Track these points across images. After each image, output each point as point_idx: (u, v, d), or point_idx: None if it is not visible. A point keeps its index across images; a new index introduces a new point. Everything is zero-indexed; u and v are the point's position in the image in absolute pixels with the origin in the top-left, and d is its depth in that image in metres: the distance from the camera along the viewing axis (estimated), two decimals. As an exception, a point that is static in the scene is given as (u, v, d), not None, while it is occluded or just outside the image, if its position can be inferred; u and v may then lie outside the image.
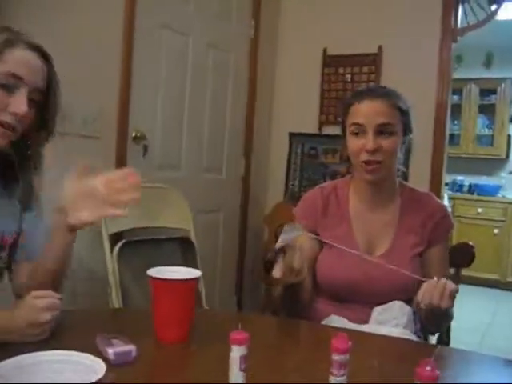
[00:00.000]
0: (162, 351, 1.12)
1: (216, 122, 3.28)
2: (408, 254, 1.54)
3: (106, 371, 0.71)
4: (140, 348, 1.05)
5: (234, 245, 3.57)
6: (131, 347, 1.03)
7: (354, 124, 1.52)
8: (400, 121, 1.53)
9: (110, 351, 1.01)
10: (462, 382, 1.05)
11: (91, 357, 0.76)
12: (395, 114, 1.52)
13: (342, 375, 0.82)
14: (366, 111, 1.50)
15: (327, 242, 1.47)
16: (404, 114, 1.54)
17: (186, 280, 1.13)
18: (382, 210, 1.60)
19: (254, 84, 3.58)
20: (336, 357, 0.81)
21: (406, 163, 3.51)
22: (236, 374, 0.85)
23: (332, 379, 0.82)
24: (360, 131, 1.50)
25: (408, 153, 1.64)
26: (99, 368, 0.72)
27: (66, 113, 2.26)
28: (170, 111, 2.92)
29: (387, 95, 1.53)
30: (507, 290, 5.46)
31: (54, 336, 1.08)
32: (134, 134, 2.69)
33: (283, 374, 1.03)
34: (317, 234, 1.57)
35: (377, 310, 1.46)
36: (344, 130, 1.58)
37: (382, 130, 1.49)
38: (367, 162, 1.49)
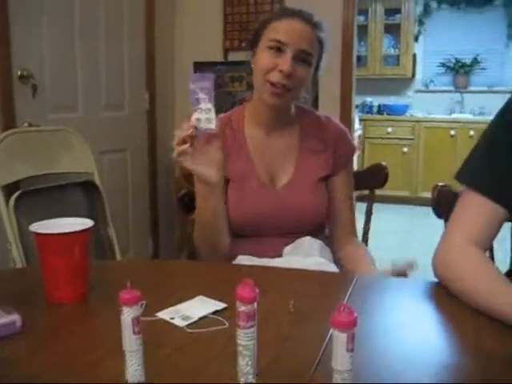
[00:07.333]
0: (54, 315, 0.99)
1: (113, 56, 3.03)
2: (312, 179, 1.49)
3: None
4: (29, 314, 0.92)
5: (144, 183, 3.41)
6: (15, 317, 0.90)
7: (275, 40, 1.38)
8: (317, 54, 1.44)
9: (-10, 324, 0.88)
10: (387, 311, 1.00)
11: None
12: (316, 46, 1.42)
13: (251, 327, 0.73)
14: (291, 31, 1.38)
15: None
16: (322, 49, 1.45)
17: (72, 233, 0.99)
18: (280, 133, 1.51)
19: (152, 11, 3.31)
20: (242, 307, 0.72)
21: (315, 88, 3.44)
22: (130, 339, 0.73)
23: (240, 333, 0.72)
24: (278, 48, 1.37)
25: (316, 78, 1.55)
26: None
27: None
28: (58, 47, 2.65)
29: (314, 25, 1.41)
30: (418, 205, 5.65)
31: None
32: (19, 73, 2.43)
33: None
34: None
35: (287, 249, 1.39)
36: (254, 47, 1.44)
37: (301, 57, 1.38)
38: (275, 84, 1.37)
